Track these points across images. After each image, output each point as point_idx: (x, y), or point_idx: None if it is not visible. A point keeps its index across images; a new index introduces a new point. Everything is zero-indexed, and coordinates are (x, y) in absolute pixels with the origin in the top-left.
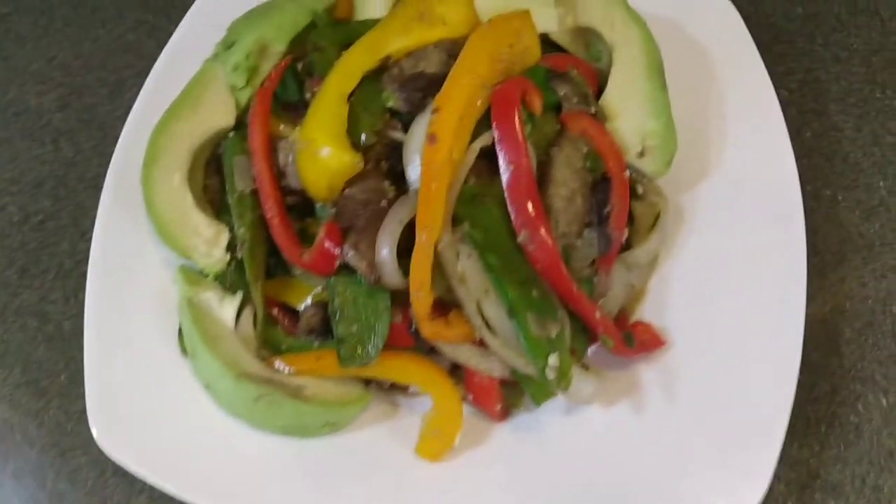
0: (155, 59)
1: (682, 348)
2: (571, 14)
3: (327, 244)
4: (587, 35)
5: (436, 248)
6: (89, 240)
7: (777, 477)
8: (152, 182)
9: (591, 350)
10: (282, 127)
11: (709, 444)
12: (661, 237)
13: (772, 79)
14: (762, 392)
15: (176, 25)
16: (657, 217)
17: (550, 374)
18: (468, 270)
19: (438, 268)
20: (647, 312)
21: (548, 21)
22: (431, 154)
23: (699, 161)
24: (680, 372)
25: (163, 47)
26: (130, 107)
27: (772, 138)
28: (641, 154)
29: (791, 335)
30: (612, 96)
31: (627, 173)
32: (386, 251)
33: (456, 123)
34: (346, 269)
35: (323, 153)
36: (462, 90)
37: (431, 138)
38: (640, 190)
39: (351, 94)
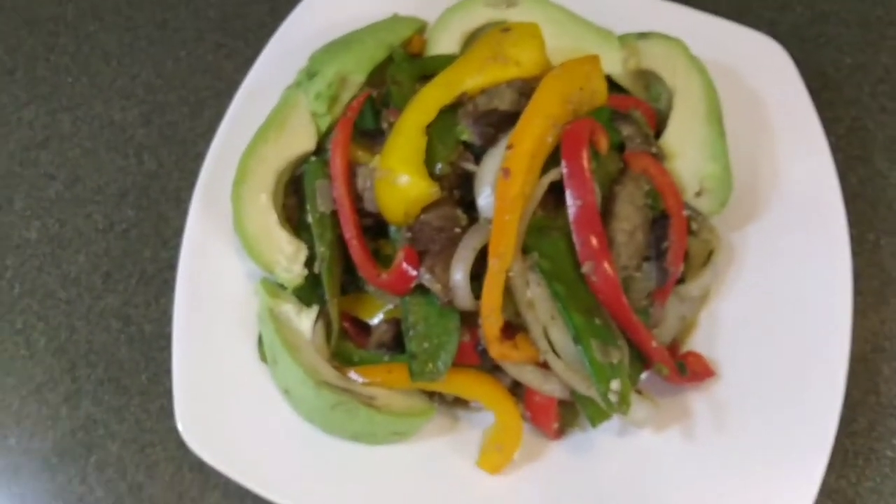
0: (232, 81)
1: (731, 380)
2: (634, 58)
3: (405, 266)
4: (647, 77)
5: (507, 275)
6: (171, 248)
7: None
8: (241, 200)
9: (644, 377)
10: (359, 153)
11: (754, 471)
12: (713, 273)
13: (822, 125)
14: (805, 425)
15: (253, 50)
16: (710, 254)
17: (613, 398)
18: (537, 297)
19: (508, 293)
20: (697, 344)
21: (612, 63)
22: (505, 187)
23: (751, 202)
24: (728, 402)
25: (240, 70)
26: (210, 125)
27: (821, 183)
28: (699, 194)
29: (835, 371)
30: (672, 138)
31: (686, 212)
32: (460, 276)
33: (528, 160)
34: (420, 289)
35: (402, 181)
36: (535, 129)
37: (506, 172)
38: (694, 227)
39: (428, 127)
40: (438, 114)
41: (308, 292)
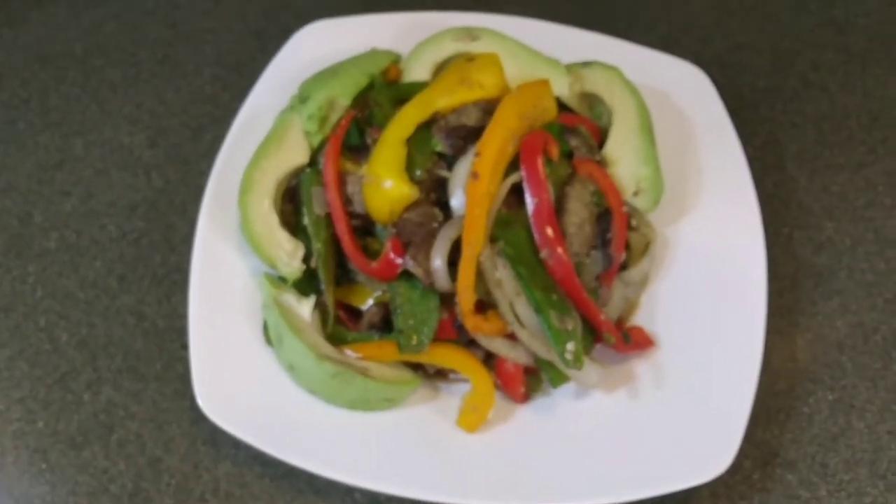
0: (229, 109)
1: (668, 349)
2: (579, 83)
3: (392, 255)
4: (591, 99)
5: (478, 259)
6: (178, 253)
7: (744, 455)
8: (247, 206)
9: (596, 349)
10: (347, 165)
11: (688, 423)
12: (650, 261)
13: (740, 138)
14: (730, 385)
15: (247, 81)
16: (648, 245)
17: (568, 356)
18: (503, 277)
19: (479, 275)
20: (639, 321)
21: (561, 87)
22: (474, 187)
23: (681, 202)
24: (666, 367)
25: (235, 99)
26: (209, 146)
27: (739, 186)
28: (636, 194)
29: (754, 340)
30: (612, 148)
31: (625, 208)
32: (439, 261)
33: (493, 164)
34: (405, 275)
35: (386, 185)
36: (497, 140)
37: (474, 175)
38: (634, 223)
39: (407, 140)
40: (416, 129)
41: (305, 285)
